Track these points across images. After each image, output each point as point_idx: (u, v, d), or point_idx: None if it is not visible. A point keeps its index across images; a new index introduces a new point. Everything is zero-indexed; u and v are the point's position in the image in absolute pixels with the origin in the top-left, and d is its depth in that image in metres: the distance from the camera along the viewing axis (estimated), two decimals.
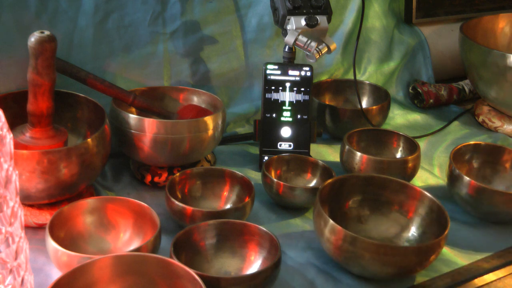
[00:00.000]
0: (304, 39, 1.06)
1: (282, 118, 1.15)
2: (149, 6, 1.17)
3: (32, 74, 0.89)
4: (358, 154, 1.08)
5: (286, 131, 1.15)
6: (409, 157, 1.07)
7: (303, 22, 1.07)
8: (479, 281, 0.91)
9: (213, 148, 1.08)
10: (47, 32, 0.88)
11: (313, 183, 1.08)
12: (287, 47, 1.15)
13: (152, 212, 0.87)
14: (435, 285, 0.89)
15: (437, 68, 1.55)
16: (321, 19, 1.07)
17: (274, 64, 1.13)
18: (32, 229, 0.93)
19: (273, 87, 1.14)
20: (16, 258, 0.64)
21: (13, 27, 1.04)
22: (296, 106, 1.14)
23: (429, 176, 1.18)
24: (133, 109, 1.10)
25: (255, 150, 1.22)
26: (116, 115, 1.03)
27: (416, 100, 1.47)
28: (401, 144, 1.16)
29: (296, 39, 1.06)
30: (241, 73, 1.30)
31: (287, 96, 1.14)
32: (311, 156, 1.11)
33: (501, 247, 0.98)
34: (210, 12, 1.24)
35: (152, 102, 1.09)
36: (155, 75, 1.20)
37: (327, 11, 1.09)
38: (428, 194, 0.94)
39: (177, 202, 0.93)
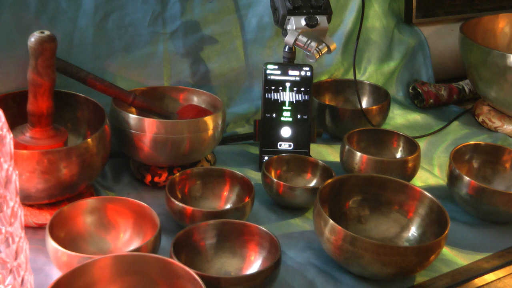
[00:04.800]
0: (304, 39, 1.06)
1: (282, 118, 1.15)
2: (149, 6, 1.17)
3: (32, 74, 0.89)
4: (358, 154, 1.08)
5: (286, 131, 1.15)
6: (409, 157, 1.07)
7: (303, 22, 1.07)
8: (479, 281, 0.91)
9: (213, 148, 1.08)
10: (47, 32, 0.88)
11: (313, 183, 1.08)
12: (287, 47, 1.15)
13: (152, 212, 0.87)
14: (435, 285, 0.89)
15: (437, 68, 1.55)
16: (321, 19, 1.07)
17: (274, 64, 1.13)
18: (32, 229, 0.93)
19: (273, 87, 1.14)
20: (16, 258, 0.64)
21: (13, 27, 1.04)
22: (296, 106, 1.14)
23: (429, 176, 1.18)
24: (133, 109, 1.10)
25: (255, 150, 1.22)
26: (116, 115, 1.03)
27: (416, 100, 1.47)
28: (401, 144, 1.16)
29: (296, 39, 1.06)
30: (241, 73, 1.30)
31: (287, 96, 1.14)
32: (311, 156, 1.11)
33: (501, 247, 0.98)
34: (210, 12, 1.24)
35: (152, 102, 1.09)
36: (155, 75, 1.20)
37: (327, 11, 1.09)
38: (428, 194, 0.94)
39: (177, 202, 0.93)
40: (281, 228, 0.99)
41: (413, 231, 0.95)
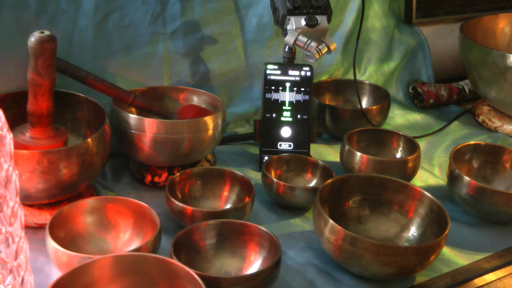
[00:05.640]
0: (304, 39, 1.06)
1: (282, 118, 1.15)
2: (149, 6, 1.17)
3: (32, 74, 0.89)
4: (358, 154, 1.08)
5: (286, 131, 1.15)
6: (409, 157, 1.07)
7: (303, 22, 1.07)
8: (479, 281, 0.91)
9: (213, 148, 1.08)
10: (47, 32, 0.88)
11: (313, 183, 1.08)
12: (287, 47, 1.15)
13: (152, 212, 0.87)
14: (435, 285, 0.89)
15: (437, 68, 1.55)
16: (321, 19, 1.07)
17: (274, 64, 1.13)
18: (32, 229, 0.93)
19: (273, 87, 1.14)
20: (16, 258, 0.64)
21: (13, 27, 1.04)
22: (296, 106, 1.14)
23: (429, 176, 1.18)
24: (133, 109, 1.10)
25: (255, 150, 1.22)
26: (116, 115, 1.03)
27: (416, 100, 1.47)
28: (401, 144, 1.16)
29: (296, 39, 1.06)
30: (241, 73, 1.30)
31: (287, 96, 1.14)
32: (311, 156, 1.11)
33: (501, 247, 0.98)
34: (210, 12, 1.24)
35: (152, 102, 1.09)
36: (155, 75, 1.20)
37: (327, 11, 1.09)
38: (428, 194, 0.94)
39: (177, 202, 0.93)
40: (281, 228, 0.99)
41: (413, 231, 0.95)
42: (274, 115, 1.14)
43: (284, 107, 1.14)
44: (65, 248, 0.78)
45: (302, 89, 1.14)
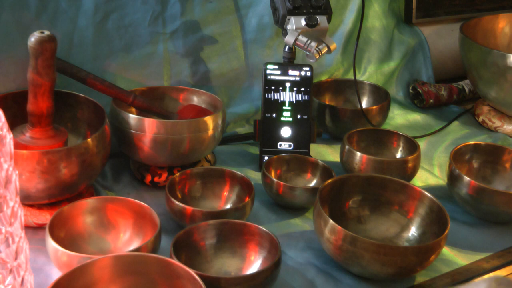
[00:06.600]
0: (304, 39, 1.06)
1: (282, 118, 1.15)
2: (149, 6, 1.17)
3: (32, 74, 0.89)
4: (358, 154, 1.08)
5: (286, 131, 1.15)
6: (409, 157, 1.07)
7: (303, 22, 1.07)
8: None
9: (213, 148, 1.08)
10: (47, 32, 0.88)
11: (313, 183, 1.08)
12: (287, 47, 1.15)
13: (152, 212, 0.87)
14: (435, 285, 0.89)
15: (437, 68, 1.55)
16: (321, 19, 1.07)
17: (274, 64, 1.13)
18: (32, 229, 0.93)
19: (273, 87, 1.14)
20: (16, 258, 0.64)
21: (13, 27, 1.04)
22: (296, 106, 1.14)
23: (429, 176, 1.18)
24: (133, 109, 1.10)
25: (255, 150, 1.22)
26: (116, 115, 1.03)
27: (416, 100, 1.47)
28: (401, 144, 1.16)
29: (296, 39, 1.06)
30: (241, 73, 1.30)
31: (287, 96, 1.14)
32: (311, 156, 1.11)
33: (501, 247, 0.98)
34: (210, 12, 1.24)
35: (152, 102, 1.09)
36: (155, 75, 1.20)
37: (327, 11, 1.09)
38: (428, 194, 0.94)
39: (177, 202, 0.93)
40: (281, 228, 0.99)
41: (413, 231, 0.95)
42: (274, 115, 1.14)
43: (284, 107, 1.14)
44: (65, 248, 0.78)
45: (302, 89, 1.14)
